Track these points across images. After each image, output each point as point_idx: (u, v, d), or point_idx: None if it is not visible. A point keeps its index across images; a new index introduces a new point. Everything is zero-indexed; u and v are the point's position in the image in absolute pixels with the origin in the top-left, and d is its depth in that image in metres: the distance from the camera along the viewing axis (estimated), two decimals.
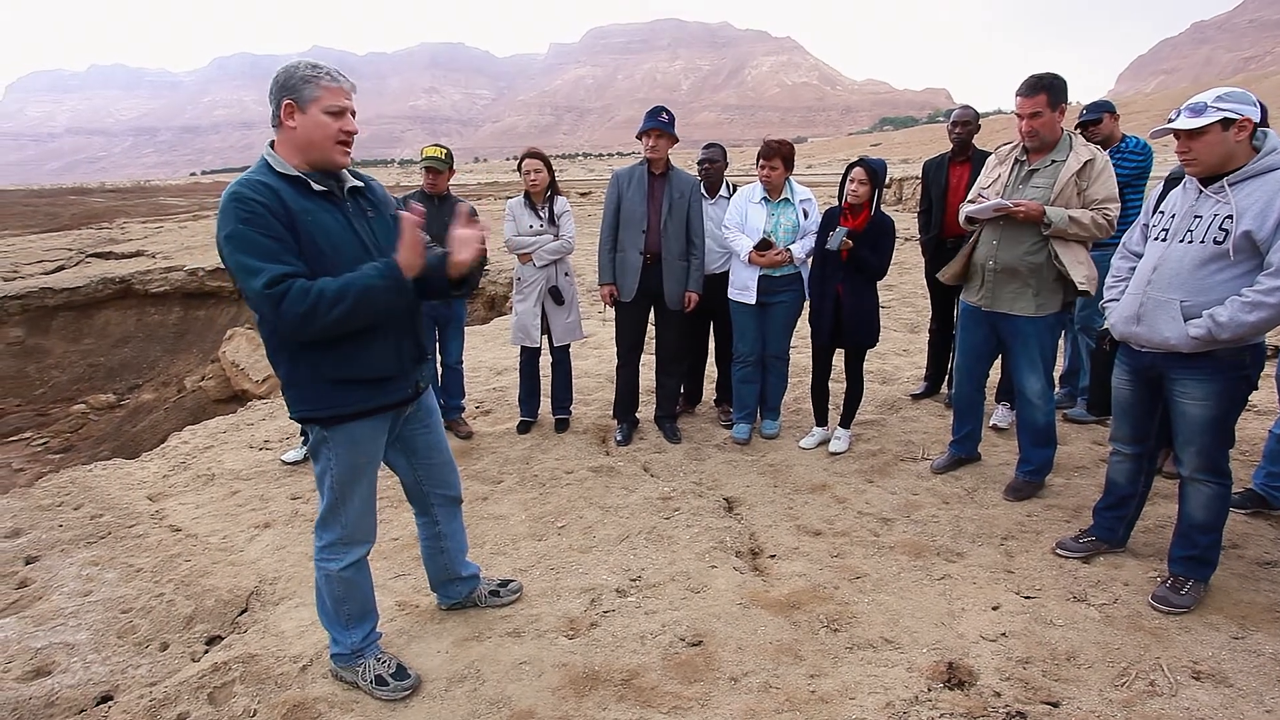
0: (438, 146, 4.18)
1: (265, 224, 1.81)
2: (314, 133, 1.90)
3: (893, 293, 8.35)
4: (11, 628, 2.61)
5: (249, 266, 1.79)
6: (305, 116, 1.89)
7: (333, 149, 1.94)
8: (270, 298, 1.77)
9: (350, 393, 2.01)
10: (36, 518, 3.54)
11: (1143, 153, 3.95)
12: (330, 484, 2.10)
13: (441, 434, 2.40)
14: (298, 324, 1.81)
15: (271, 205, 1.83)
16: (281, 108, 1.89)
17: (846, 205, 3.77)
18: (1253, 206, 2.23)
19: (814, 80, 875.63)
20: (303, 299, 1.79)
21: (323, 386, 1.98)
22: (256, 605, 2.78)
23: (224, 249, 1.82)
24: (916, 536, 3.07)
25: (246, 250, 1.79)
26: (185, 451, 4.53)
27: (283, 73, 1.91)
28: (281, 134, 1.93)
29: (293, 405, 2.03)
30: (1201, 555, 2.52)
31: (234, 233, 1.80)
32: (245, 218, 1.80)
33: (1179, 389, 2.47)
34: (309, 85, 1.88)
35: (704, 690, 2.19)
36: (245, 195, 1.81)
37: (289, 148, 1.93)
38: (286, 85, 1.88)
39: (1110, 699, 2.08)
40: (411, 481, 2.39)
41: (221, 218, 1.83)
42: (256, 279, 1.78)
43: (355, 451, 2.09)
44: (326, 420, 2.02)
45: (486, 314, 10.17)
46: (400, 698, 2.18)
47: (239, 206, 1.80)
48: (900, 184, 17.72)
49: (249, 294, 1.81)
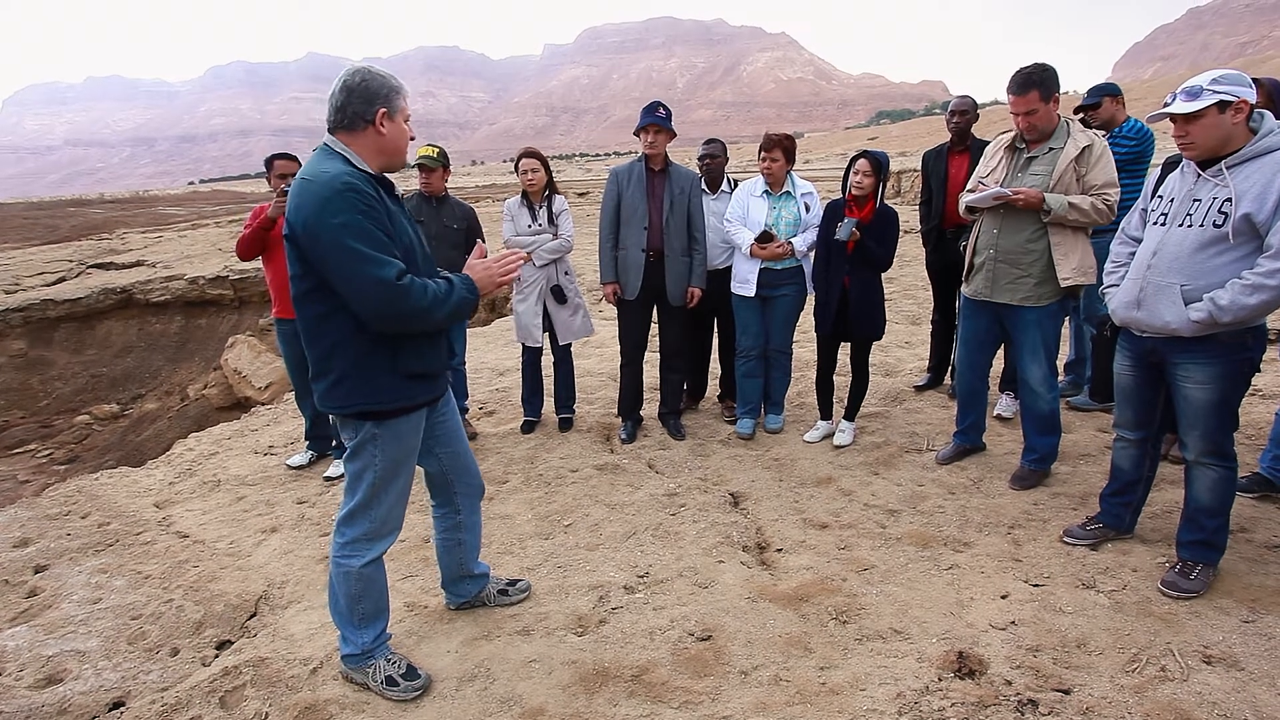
0: (430, 146, 4.20)
1: (379, 219, 1.91)
2: (400, 140, 2.04)
3: (894, 285, 8.34)
4: (22, 636, 2.62)
5: (371, 257, 1.85)
6: (394, 125, 2.01)
7: (406, 150, 2.11)
8: (400, 289, 1.88)
9: (417, 386, 2.11)
10: (45, 527, 3.55)
11: (1136, 137, 3.90)
12: (371, 480, 2.13)
13: (459, 422, 2.44)
14: (411, 316, 1.92)
15: (380, 202, 1.93)
16: (378, 115, 1.97)
17: (850, 197, 3.77)
18: (1252, 189, 2.23)
19: (809, 75, 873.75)
20: (423, 295, 1.93)
21: (394, 379, 2.05)
22: (265, 609, 2.78)
23: (334, 235, 1.84)
24: (923, 527, 3.07)
25: (366, 241, 1.86)
26: (190, 458, 4.54)
27: (373, 81, 1.97)
28: (365, 138, 1.99)
29: (350, 399, 2.03)
30: (1209, 539, 2.51)
31: (352, 222, 1.84)
32: (363, 210, 1.87)
33: (1181, 373, 2.47)
34: (398, 96, 2.02)
35: (714, 684, 2.19)
36: (360, 188, 1.88)
37: (371, 151, 2.00)
38: (380, 93, 1.97)
39: (1122, 685, 2.08)
40: (438, 471, 2.41)
41: (327, 205, 1.84)
42: (384, 269, 1.86)
43: (400, 447, 2.14)
44: (389, 413, 2.07)
45: (488, 315, 10.17)
46: (411, 698, 2.19)
47: (357, 198, 1.86)
48: (899, 176, 17.69)
49: (367, 282, 1.85)
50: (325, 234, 1.85)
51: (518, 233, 4.27)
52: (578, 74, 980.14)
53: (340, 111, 1.97)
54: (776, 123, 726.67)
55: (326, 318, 1.97)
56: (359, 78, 1.97)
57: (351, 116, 1.97)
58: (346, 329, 1.97)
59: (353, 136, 1.99)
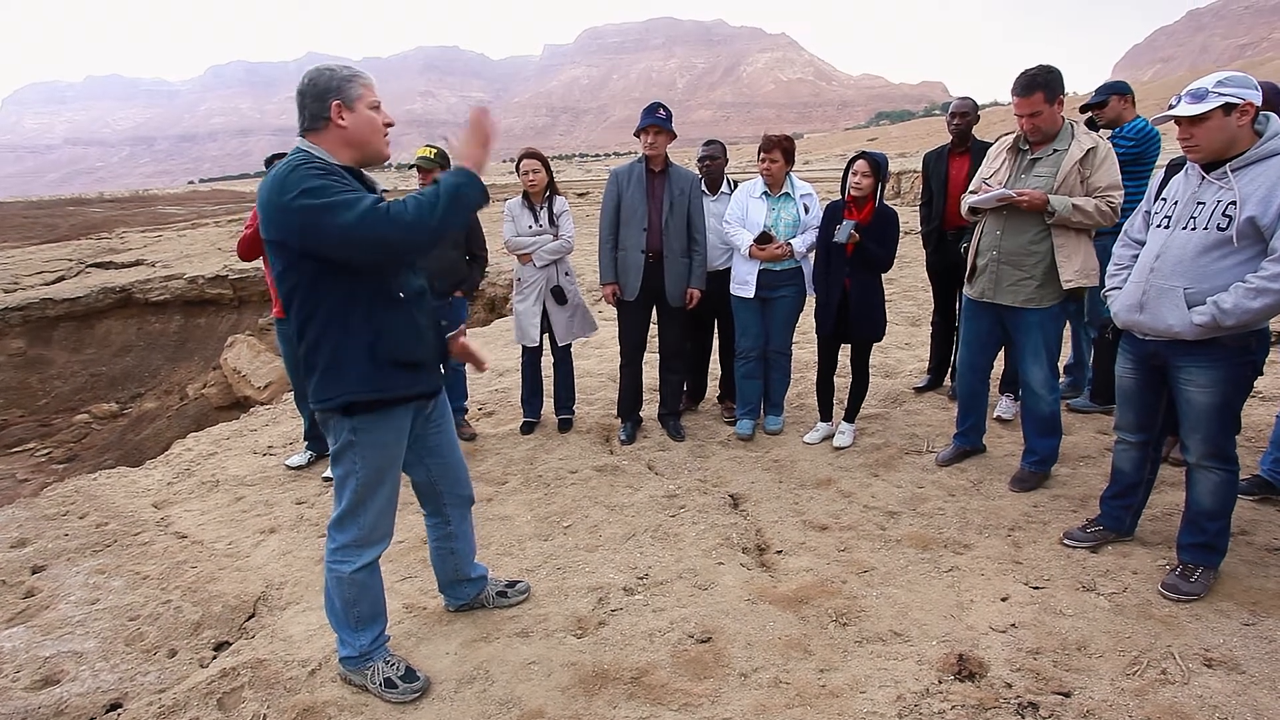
0: (429, 147, 4.20)
1: (341, 179, 1.87)
2: (365, 127, 1.98)
3: (894, 286, 8.33)
4: (19, 637, 2.61)
5: (338, 202, 1.79)
6: (355, 114, 1.96)
7: (381, 140, 2.04)
8: (382, 214, 1.80)
9: (396, 375, 2.06)
10: (42, 527, 3.54)
11: (1136, 137, 3.84)
12: (355, 487, 2.10)
13: (454, 433, 2.42)
14: (411, 234, 1.84)
15: (339, 172, 1.89)
16: (332, 108, 1.93)
17: (850, 199, 3.76)
18: (1256, 192, 2.22)
19: (809, 76, 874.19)
20: (406, 208, 1.83)
21: (371, 368, 2.01)
22: (264, 610, 2.77)
23: (298, 205, 1.79)
24: (923, 529, 3.06)
25: (330, 194, 1.80)
26: (189, 459, 4.53)
27: (320, 76, 1.95)
28: (328, 134, 1.96)
29: (329, 390, 2.00)
30: (1210, 542, 2.51)
31: (312, 187, 1.80)
32: (318, 174, 1.83)
33: (1184, 376, 2.46)
34: (352, 84, 1.95)
35: (714, 686, 2.19)
36: (311, 160, 1.86)
37: (338, 145, 1.97)
38: (330, 87, 1.94)
39: (1122, 688, 2.07)
40: (426, 481, 2.39)
41: (285, 184, 1.80)
42: (356, 206, 1.79)
43: (382, 454, 2.11)
44: (369, 404, 2.03)
45: (487, 316, 10.17)
46: (409, 700, 2.18)
47: (308, 169, 1.83)
48: (899, 178, 17.68)
49: (349, 222, 1.78)
50: (288, 212, 1.81)
51: (518, 233, 4.26)
52: (577, 74, 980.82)
53: (301, 114, 1.97)
54: (776, 123, 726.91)
55: (311, 313, 1.96)
56: (307, 78, 1.96)
57: (310, 117, 1.95)
58: (328, 322, 1.96)
59: (319, 135, 1.96)
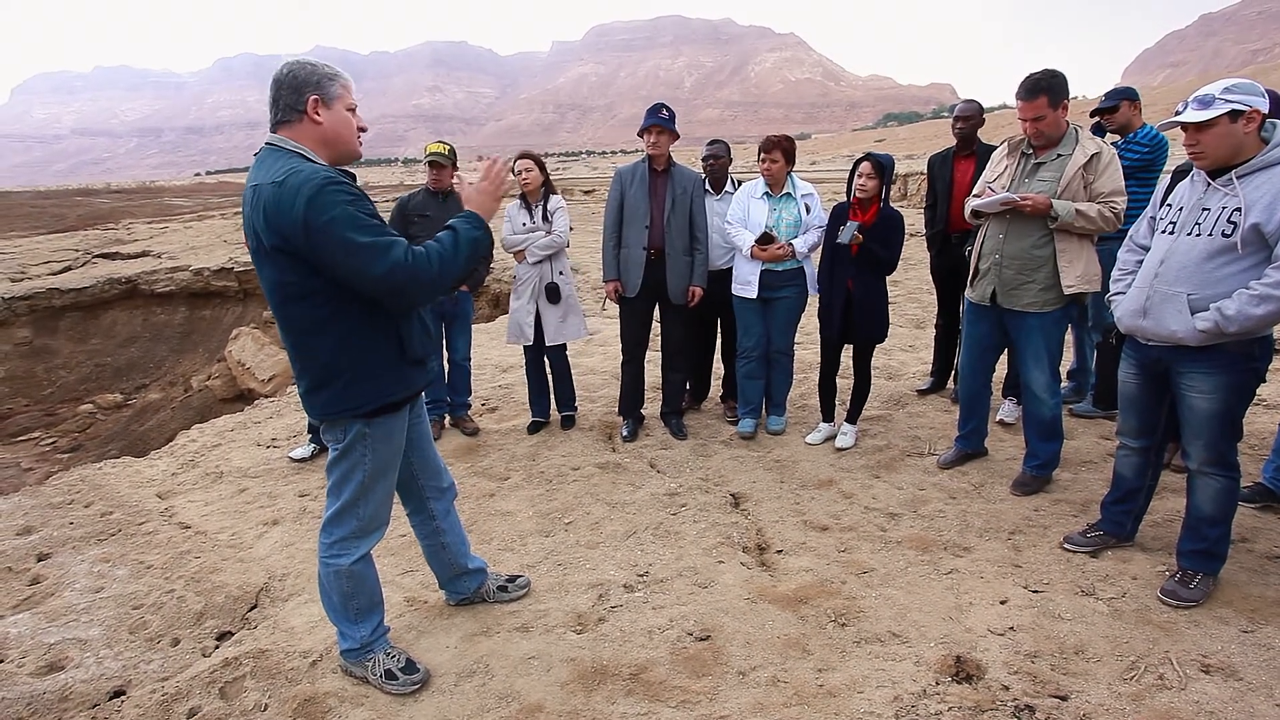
0: (441, 143, 4.21)
1: (365, 206, 1.88)
2: (341, 127, 1.97)
3: (898, 288, 8.33)
4: (25, 624, 2.63)
5: (375, 245, 1.82)
6: (331, 112, 1.95)
7: (355, 141, 2.03)
8: (411, 268, 1.85)
9: (414, 373, 2.12)
10: (48, 515, 3.57)
11: (1148, 144, 3.87)
12: (361, 480, 2.11)
13: (428, 425, 2.44)
14: (430, 286, 1.90)
15: (362, 194, 1.91)
16: (308, 102, 1.91)
17: (855, 200, 3.76)
18: (1261, 199, 2.22)
19: (817, 76, 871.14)
20: (429, 262, 1.89)
21: (402, 369, 2.05)
22: (266, 601, 2.79)
23: (327, 230, 1.78)
24: (923, 531, 3.06)
25: (360, 229, 1.82)
26: (193, 450, 4.55)
27: (300, 69, 1.92)
28: (302, 128, 1.93)
29: (359, 398, 1.99)
30: (1210, 549, 2.51)
31: (342, 215, 1.80)
32: (348, 200, 1.83)
33: (1186, 382, 2.46)
34: (332, 83, 1.94)
35: (712, 684, 2.20)
36: (340, 179, 1.85)
37: (314, 143, 1.94)
38: (309, 82, 1.91)
39: (1119, 692, 2.08)
40: (408, 475, 2.39)
41: (316, 203, 1.78)
42: (393, 250, 1.83)
43: (390, 445, 2.14)
44: (399, 404, 2.08)
45: (491, 312, 10.19)
46: (409, 692, 2.20)
47: (339, 189, 1.82)
48: (905, 180, 17.65)
49: (378, 274, 1.82)
50: (319, 234, 1.78)
51: (514, 231, 4.28)
52: (585, 71, 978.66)
53: (274, 106, 1.93)
54: (783, 124, 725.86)
55: (323, 325, 1.92)
56: (285, 69, 1.93)
57: (284, 108, 1.91)
58: (350, 332, 1.94)
59: (292, 130, 1.92)
